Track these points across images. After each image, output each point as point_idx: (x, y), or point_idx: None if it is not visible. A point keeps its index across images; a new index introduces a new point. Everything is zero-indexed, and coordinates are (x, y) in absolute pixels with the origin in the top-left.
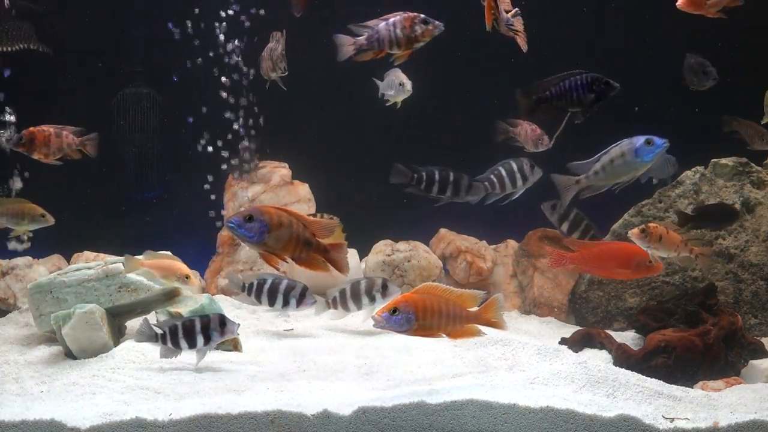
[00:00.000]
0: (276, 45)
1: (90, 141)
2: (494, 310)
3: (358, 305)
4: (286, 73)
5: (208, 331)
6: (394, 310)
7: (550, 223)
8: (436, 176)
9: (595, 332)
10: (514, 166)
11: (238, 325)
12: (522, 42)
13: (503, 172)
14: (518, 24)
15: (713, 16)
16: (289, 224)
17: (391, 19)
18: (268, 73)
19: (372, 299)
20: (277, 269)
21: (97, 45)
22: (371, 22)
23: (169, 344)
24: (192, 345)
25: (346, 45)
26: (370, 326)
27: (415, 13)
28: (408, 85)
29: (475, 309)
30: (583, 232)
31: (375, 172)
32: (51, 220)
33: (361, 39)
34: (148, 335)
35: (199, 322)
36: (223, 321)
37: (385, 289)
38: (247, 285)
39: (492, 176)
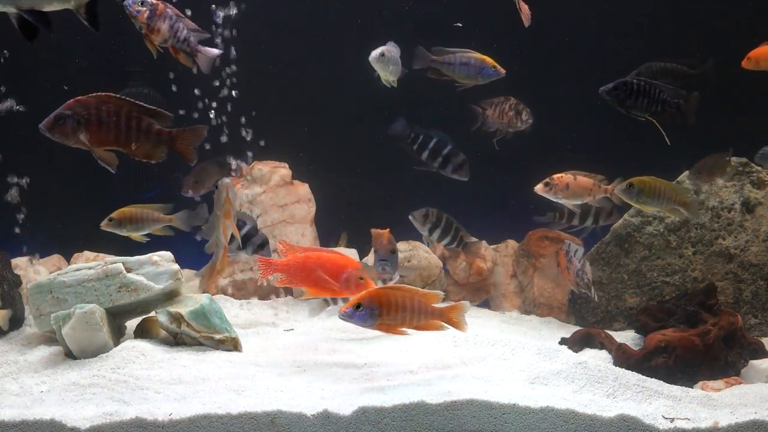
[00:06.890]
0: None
1: None
2: (459, 311)
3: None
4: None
5: (249, 240)
6: (358, 306)
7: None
8: (431, 144)
9: (595, 332)
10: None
11: (275, 250)
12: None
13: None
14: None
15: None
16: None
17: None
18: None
19: None
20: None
21: (96, 44)
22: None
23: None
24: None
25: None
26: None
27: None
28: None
29: (441, 306)
30: (453, 238)
31: (375, 172)
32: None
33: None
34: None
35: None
36: (263, 244)
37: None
38: None
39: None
